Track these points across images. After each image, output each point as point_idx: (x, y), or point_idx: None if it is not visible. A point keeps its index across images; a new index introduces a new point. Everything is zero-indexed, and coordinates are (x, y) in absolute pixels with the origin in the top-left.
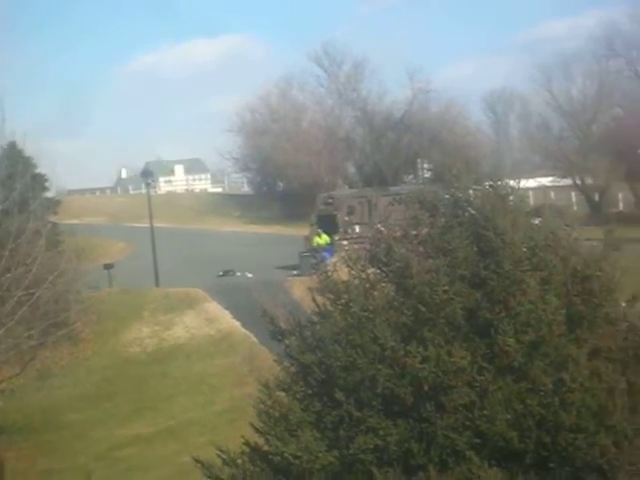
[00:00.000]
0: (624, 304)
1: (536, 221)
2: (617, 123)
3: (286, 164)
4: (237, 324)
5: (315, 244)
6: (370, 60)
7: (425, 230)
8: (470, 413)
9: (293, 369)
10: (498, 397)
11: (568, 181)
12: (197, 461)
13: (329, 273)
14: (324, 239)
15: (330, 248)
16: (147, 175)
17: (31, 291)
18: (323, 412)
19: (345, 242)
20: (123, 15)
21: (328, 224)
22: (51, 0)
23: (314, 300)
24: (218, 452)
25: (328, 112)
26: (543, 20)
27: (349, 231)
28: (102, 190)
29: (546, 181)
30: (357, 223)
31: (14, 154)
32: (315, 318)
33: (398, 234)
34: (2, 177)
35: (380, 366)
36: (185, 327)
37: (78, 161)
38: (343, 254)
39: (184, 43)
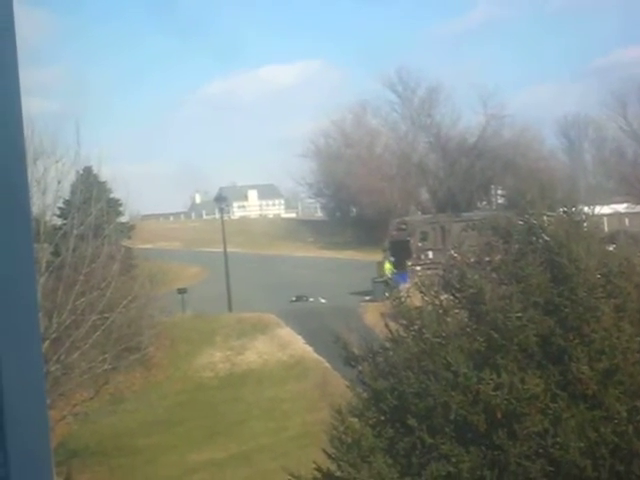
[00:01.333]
0: None
1: (610, 248)
2: None
3: (360, 190)
4: (310, 349)
5: (386, 270)
6: (444, 85)
7: (498, 256)
8: (543, 441)
9: (366, 395)
10: (572, 425)
11: None
12: None
13: (402, 299)
14: (388, 267)
15: (404, 273)
16: (221, 200)
17: (105, 315)
18: (395, 438)
19: (418, 268)
20: (197, 41)
21: (401, 250)
22: (126, 28)
23: (387, 326)
24: (290, 478)
25: (401, 138)
26: (619, 46)
27: (422, 257)
28: (176, 215)
29: (620, 207)
30: (430, 249)
31: (89, 179)
32: (388, 344)
33: (471, 260)
34: (78, 202)
35: (453, 393)
36: (257, 352)
37: (153, 186)
38: (416, 280)
39: (260, 68)
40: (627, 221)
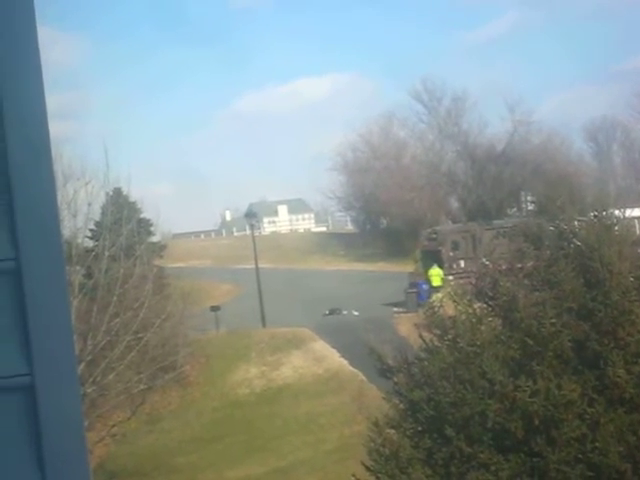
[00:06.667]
0: None
1: None
2: None
3: (389, 201)
4: (345, 362)
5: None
6: (470, 93)
7: (530, 263)
8: (582, 446)
9: (402, 406)
10: (610, 429)
11: None
12: None
13: (435, 309)
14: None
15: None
16: (251, 216)
17: (139, 335)
18: (433, 449)
19: (450, 277)
20: (229, 56)
21: (433, 260)
22: (153, 44)
23: (421, 336)
24: None
25: (429, 147)
26: None
27: (454, 266)
28: (207, 233)
29: None
30: (462, 258)
31: (119, 200)
32: (422, 354)
33: (503, 268)
34: (108, 223)
35: (489, 401)
36: (293, 367)
37: (183, 205)
38: (449, 289)
39: (292, 82)
40: None
